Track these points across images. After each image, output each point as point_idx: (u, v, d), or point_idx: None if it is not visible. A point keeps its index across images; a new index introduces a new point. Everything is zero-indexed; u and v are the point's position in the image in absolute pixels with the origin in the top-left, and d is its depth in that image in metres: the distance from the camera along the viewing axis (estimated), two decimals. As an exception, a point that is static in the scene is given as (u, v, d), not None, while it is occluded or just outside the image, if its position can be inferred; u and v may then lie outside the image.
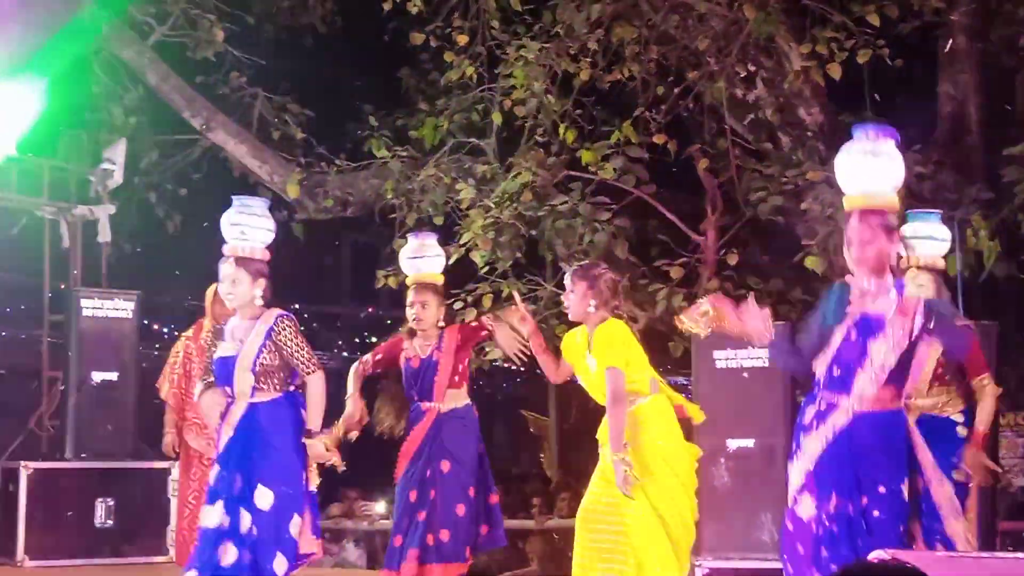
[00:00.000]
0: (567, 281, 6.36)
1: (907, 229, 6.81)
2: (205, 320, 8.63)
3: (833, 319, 4.97)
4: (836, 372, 4.92)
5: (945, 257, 6.82)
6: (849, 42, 9.89)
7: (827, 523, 4.86)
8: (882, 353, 4.84)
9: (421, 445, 7.11)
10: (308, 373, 6.13)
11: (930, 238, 6.77)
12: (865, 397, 4.86)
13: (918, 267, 6.64)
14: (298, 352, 6.09)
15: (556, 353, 6.56)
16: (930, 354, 6.54)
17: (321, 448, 6.09)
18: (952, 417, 6.52)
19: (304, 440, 6.07)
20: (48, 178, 10.69)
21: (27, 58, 9.91)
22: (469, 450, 7.12)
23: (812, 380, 5.06)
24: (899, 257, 6.76)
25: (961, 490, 6.51)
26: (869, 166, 4.93)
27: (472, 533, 7.07)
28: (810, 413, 4.98)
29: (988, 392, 6.43)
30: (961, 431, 6.51)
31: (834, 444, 4.89)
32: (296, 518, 6.03)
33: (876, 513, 4.79)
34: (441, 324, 7.30)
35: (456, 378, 7.15)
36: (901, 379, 4.94)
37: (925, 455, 4.99)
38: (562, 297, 6.50)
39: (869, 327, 4.87)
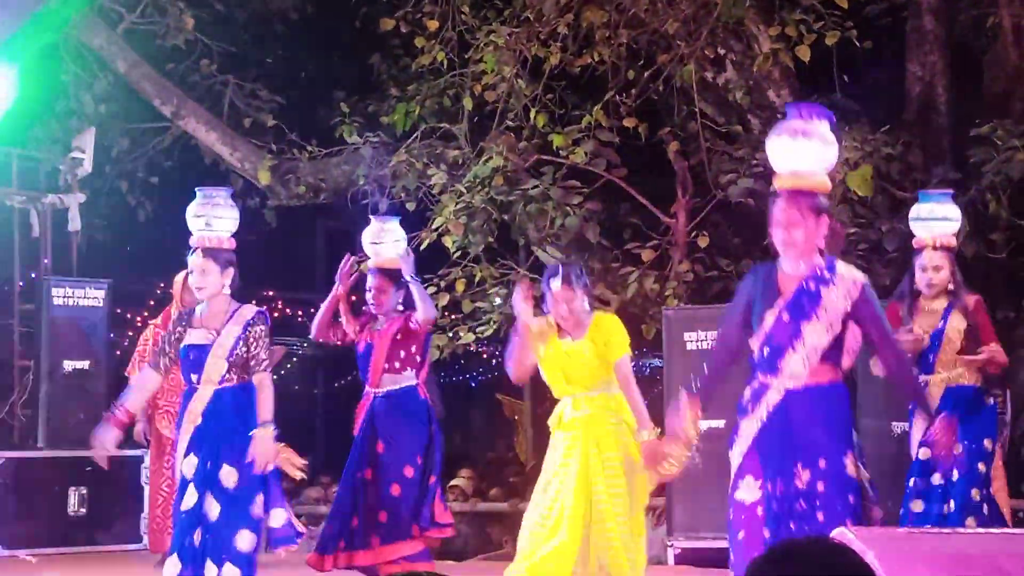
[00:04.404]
0: (557, 288, 6.03)
1: (922, 210, 6.98)
2: (173, 307, 8.63)
3: (763, 303, 4.85)
4: (766, 353, 4.81)
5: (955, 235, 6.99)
6: (818, 24, 9.95)
7: (770, 504, 4.71)
8: (816, 334, 4.74)
9: (360, 429, 7.15)
10: (262, 370, 6.20)
11: (944, 219, 6.96)
12: (796, 376, 4.76)
13: (933, 247, 6.77)
14: (261, 350, 6.19)
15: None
16: (957, 329, 6.75)
17: (271, 442, 6.06)
18: (978, 386, 6.76)
19: (256, 432, 6.07)
20: (17, 167, 10.65)
21: (-4, 47, 9.86)
22: (405, 432, 7.12)
23: (750, 360, 4.93)
24: (914, 237, 6.89)
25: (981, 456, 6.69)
26: (799, 146, 4.82)
27: (415, 512, 7.06)
28: (747, 395, 4.88)
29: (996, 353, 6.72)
30: (988, 399, 6.77)
31: (769, 423, 4.78)
32: (259, 497, 6.09)
33: (820, 487, 4.66)
34: (399, 308, 7.28)
35: (397, 364, 7.13)
36: (836, 356, 4.82)
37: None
38: (556, 304, 6.08)
39: (802, 309, 4.77)
